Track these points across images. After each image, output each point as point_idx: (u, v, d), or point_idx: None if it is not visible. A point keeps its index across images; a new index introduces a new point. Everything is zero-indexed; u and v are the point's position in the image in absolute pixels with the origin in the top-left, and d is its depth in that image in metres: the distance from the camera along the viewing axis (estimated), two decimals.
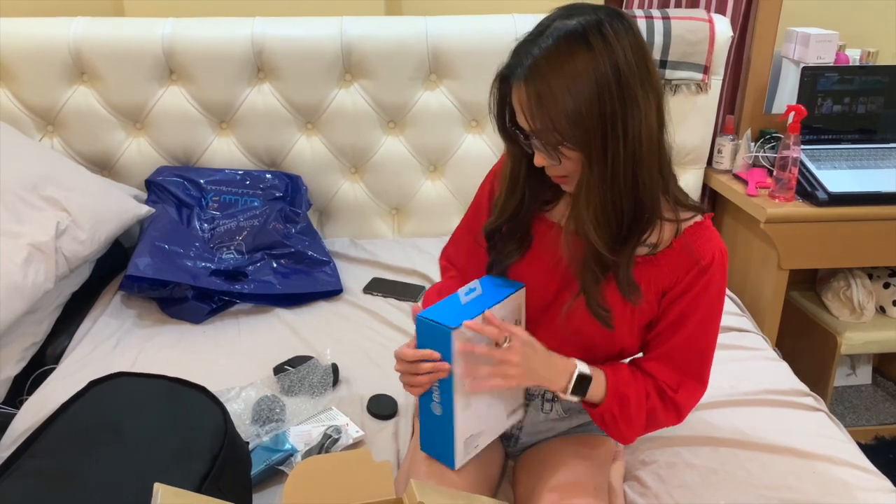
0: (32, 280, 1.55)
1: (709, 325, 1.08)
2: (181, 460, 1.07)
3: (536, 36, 0.93)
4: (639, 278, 1.04)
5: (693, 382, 1.11)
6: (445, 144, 2.11)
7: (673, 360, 1.09)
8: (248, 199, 1.96)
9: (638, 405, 1.08)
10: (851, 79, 2.05)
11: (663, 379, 1.10)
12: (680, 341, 1.08)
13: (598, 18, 0.91)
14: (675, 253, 1.04)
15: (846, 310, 2.13)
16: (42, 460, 1.08)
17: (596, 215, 0.97)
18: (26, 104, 1.98)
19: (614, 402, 1.08)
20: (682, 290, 1.05)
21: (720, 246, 1.05)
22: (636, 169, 0.95)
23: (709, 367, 1.12)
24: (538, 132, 0.95)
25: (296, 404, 1.42)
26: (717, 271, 1.04)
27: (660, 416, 1.11)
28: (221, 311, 1.78)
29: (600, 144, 0.93)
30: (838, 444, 1.33)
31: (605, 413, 1.09)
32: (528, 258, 1.13)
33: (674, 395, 1.09)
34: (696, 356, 1.10)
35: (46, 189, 1.68)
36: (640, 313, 1.07)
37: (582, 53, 0.90)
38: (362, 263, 2.02)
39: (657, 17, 2.01)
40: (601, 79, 0.90)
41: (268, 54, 1.97)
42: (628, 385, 1.08)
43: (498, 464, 1.24)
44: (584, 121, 0.91)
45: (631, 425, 1.10)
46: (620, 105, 0.91)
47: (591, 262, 1.02)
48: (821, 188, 1.90)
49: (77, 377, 1.46)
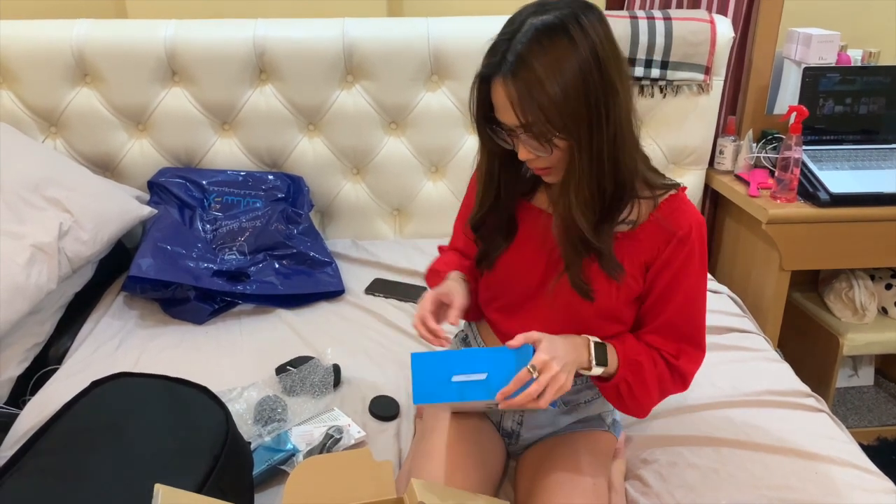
0: (35, 281, 1.56)
1: (697, 292, 1.12)
2: (183, 460, 1.08)
3: (512, 34, 0.96)
4: (621, 253, 1.08)
5: (691, 348, 1.14)
6: (447, 145, 2.11)
7: (669, 330, 1.12)
8: (250, 200, 1.96)
9: (650, 370, 1.10)
10: (853, 79, 2.05)
11: (663, 348, 1.13)
12: (673, 311, 1.11)
13: (573, 11, 0.96)
14: (652, 226, 1.08)
15: (848, 311, 2.12)
16: (45, 459, 1.08)
17: (584, 200, 1.01)
18: (29, 106, 1.99)
19: (628, 370, 1.09)
20: (664, 262, 1.08)
21: (696, 216, 1.09)
22: (617, 152, 1.00)
23: (703, 331, 1.15)
24: (529, 125, 0.97)
25: (297, 404, 1.42)
26: (695, 240, 1.08)
27: (668, 384, 1.14)
28: (223, 312, 1.79)
29: (587, 131, 0.97)
30: (840, 444, 1.33)
31: (621, 383, 1.10)
32: (516, 246, 1.17)
33: (676, 363, 1.12)
34: (691, 323, 1.13)
35: (49, 190, 1.69)
36: (626, 288, 1.10)
37: (564, 44, 0.93)
38: (364, 264, 2.03)
39: (658, 18, 2.01)
40: (584, 66, 0.94)
41: (270, 56, 1.97)
42: (638, 352, 1.11)
43: (499, 463, 1.24)
44: (573, 109, 0.95)
45: (647, 391, 1.11)
46: (603, 91, 0.95)
47: (575, 242, 1.06)
48: (823, 189, 1.90)
49: (79, 377, 1.47)
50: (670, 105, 2.10)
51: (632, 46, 1.99)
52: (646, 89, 2.07)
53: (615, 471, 1.26)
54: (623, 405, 1.14)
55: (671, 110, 2.11)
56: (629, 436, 1.36)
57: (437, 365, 1.07)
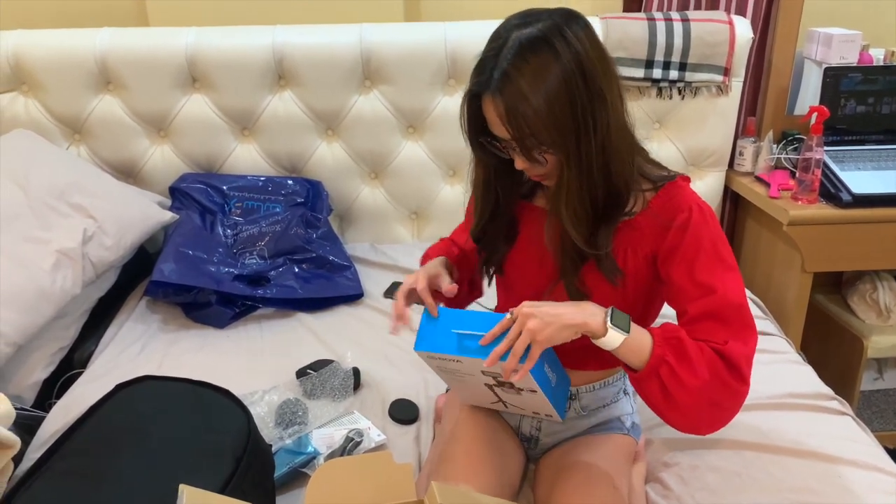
0: (60, 285, 1.59)
1: (721, 271, 1.02)
2: (206, 462, 1.09)
3: (498, 49, 0.96)
4: (623, 245, 1.07)
5: (738, 329, 1.00)
6: (464, 149, 2.05)
7: (706, 318, 1.01)
8: (270, 205, 1.98)
9: (695, 351, 0.97)
10: (875, 79, 2.03)
11: (708, 338, 1.00)
12: (700, 298, 1.01)
13: (556, 22, 0.96)
14: (652, 213, 1.06)
15: (872, 313, 2.10)
16: (71, 461, 1.10)
17: (575, 211, 1.01)
18: (54, 113, 2.02)
19: (666, 348, 0.98)
20: (669, 250, 1.05)
21: (696, 200, 1.06)
22: (607, 160, 0.99)
23: (746, 309, 1.02)
24: (518, 140, 0.98)
25: (318, 407, 1.43)
26: (697, 222, 1.03)
27: (724, 375, 0.98)
28: (244, 316, 1.80)
29: (575, 142, 0.96)
30: (864, 448, 1.31)
31: (661, 365, 0.97)
32: (519, 246, 1.17)
33: (725, 348, 0.98)
34: (725, 303, 1.01)
35: (74, 196, 1.72)
36: (632, 281, 1.08)
37: (548, 58, 0.94)
38: (383, 268, 2.04)
39: (676, 20, 2.00)
40: (569, 79, 0.94)
41: (289, 62, 1.99)
42: (678, 329, 1.00)
43: (519, 467, 1.24)
44: (559, 122, 0.95)
45: (695, 373, 0.96)
46: (589, 100, 0.95)
47: (571, 253, 1.05)
48: (845, 190, 1.88)
49: (104, 381, 1.49)
50: (689, 107, 2.09)
51: (649, 48, 1.98)
52: (664, 91, 2.06)
53: (635, 474, 1.25)
54: (671, 403, 0.98)
55: (690, 112, 2.09)
56: (649, 439, 1.36)
57: (445, 319, 1.10)
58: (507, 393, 1.12)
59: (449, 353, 1.06)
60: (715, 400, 1.00)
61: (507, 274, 1.20)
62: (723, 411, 1.03)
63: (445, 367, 1.11)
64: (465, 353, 1.05)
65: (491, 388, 1.12)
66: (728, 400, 1.01)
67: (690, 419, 1.03)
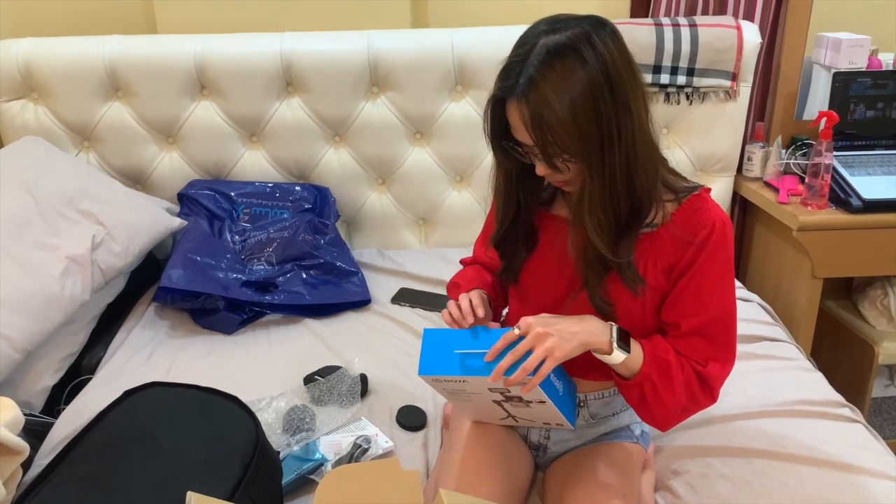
0: (70, 292, 1.59)
1: (723, 294, 1.08)
2: (214, 468, 1.09)
3: (525, 55, 0.96)
4: (644, 255, 1.07)
5: (720, 355, 1.08)
6: (471, 155, 2.12)
7: (696, 336, 1.07)
8: (277, 211, 1.99)
9: (678, 373, 1.05)
10: (885, 83, 2.02)
11: (691, 355, 1.08)
12: (698, 316, 1.06)
13: (585, 30, 0.95)
14: (675, 226, 1.06)
15: (883, 319, 2.08)
16: (80, 468, 1.10)
17: (599, 220, 1.00)
18: (63, 120, 2.04)
19: (654, 368, 1.05)
20: (688, 262, 1.06)
21: (720, 215, 1.07)
22: (631, 170, 0.99)
23: (733, 337, 1.10)
24: (540, 146, 0.97)
25: (325, 414, 1.43)
26: (717, 241, 1.05)
27: (696, 393, 1.07)
28: (252, 322, 1.81)
29: (599, 151, 0.96)
30: (876, 455, 1.30)
31: (646, 382, 1.04)
32: (538, 255, 1.16)
33: (703, 370, 1.07)
34: (718, 328, 1.08)
35: (83, 203, 1.73)
36: (651, 294, 1.08)
37: (575, 66, 0.93)
38: (390, 274, 2.04)
39: (684, 25, 2.00)
40: (596, 88, 0.93)
41: (296, 68, 2.00)
42: (666, 350, 1.06)
43: (527, 474, 1.23)
44: (583, 131, 0.94)
45: (674, 395, 1.05)
46: (615, 111, 0.95)
47: (594, 262, 1.05)
48: (855, 195, 1.86)
49: (112, 387, 1.49)
50: (697, 112, 2.08)
51: (657, 54, 1.98)
52: (672, 96, 2.06)
53: (645, 482, 1.24)
54: (647, 410, 1.08)
55: (698, 117, 2.09)
56: (659, 446, 1.35)
57: (447, 340, 1.09)
58: (517, 407, 1.11)
59: (453, 374, 1.05)
60: (683, 409, 1.09)
61: (523, 283, 1.19)
62: (687, 415, 1.12)
63: (452, 389, 1.10)
64: (469, 372, 1.04)
65: (499, 403, 1.12)
66: (694, 409, 1.11)
67: (658, 422, 1.12)
